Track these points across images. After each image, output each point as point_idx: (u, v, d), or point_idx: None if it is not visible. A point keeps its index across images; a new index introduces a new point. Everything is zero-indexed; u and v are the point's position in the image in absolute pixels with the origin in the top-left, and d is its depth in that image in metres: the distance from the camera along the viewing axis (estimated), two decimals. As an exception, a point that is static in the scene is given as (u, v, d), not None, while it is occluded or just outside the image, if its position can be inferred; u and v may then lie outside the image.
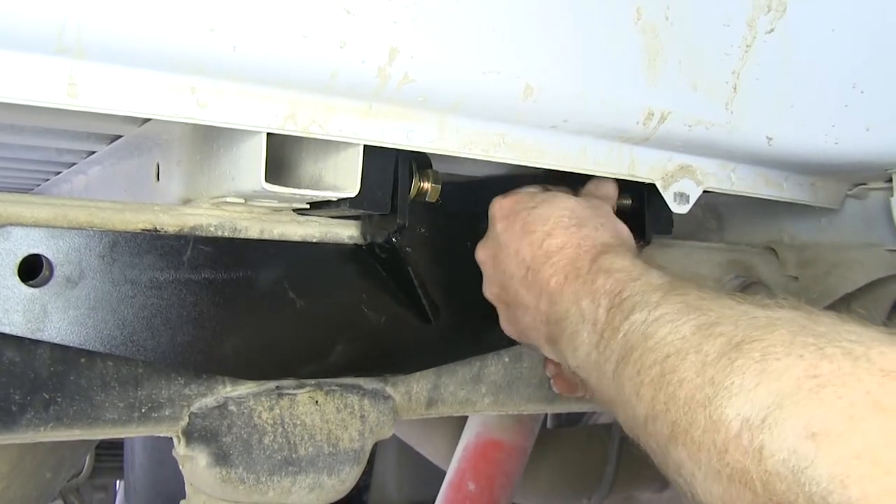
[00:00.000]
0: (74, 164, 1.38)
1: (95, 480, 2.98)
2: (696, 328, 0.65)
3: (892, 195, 1.04)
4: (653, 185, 0.92)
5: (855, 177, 1.09)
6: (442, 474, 1.97)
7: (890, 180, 1.04)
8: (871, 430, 0.52)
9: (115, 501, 3.12)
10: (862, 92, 0.90)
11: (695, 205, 0.94)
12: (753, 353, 0.59)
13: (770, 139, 0.90)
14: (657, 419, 0.65)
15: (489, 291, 0.92)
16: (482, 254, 0.92)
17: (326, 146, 0.78)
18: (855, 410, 0.53)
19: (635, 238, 0.90)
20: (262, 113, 0.68)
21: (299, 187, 0.78)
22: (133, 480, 2.71)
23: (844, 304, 1.22)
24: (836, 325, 0.60)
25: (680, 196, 0.94)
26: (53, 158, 1.35)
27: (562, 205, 0.87)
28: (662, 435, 0.64)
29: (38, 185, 1.69)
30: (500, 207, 0.90)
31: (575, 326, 0.78)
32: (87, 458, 2.64)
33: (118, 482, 3.09)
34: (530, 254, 0.84)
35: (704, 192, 0.96)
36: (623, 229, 0.89)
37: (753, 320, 0.63)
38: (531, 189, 0.92)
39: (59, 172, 1.50)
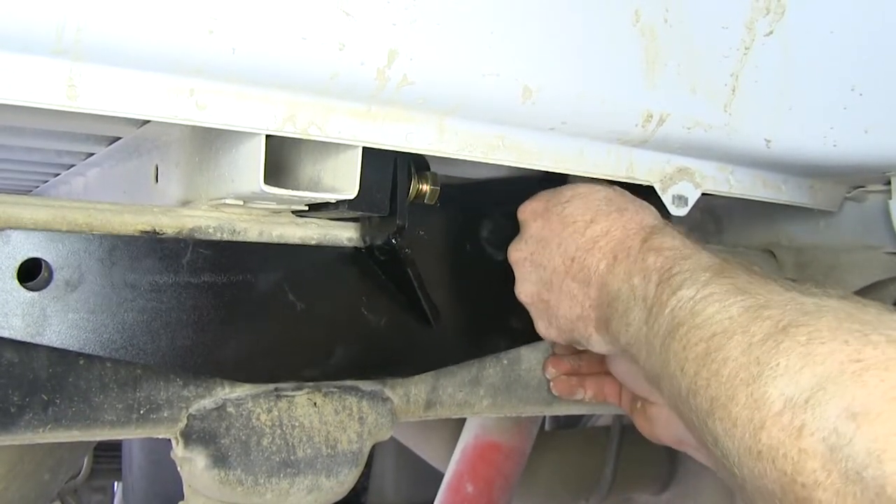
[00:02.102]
0: (73, 165, 1.38)
1: (93, 482, 2.97)
2: (745, 309, 0.66)
3: (890, 198, 1.04)
4: (651, 188, 0.92)
5: (853, 179, 1.09)
6: (440, 476, 1.97)
7: (888, 183, 1.04)
8: None
9: (113, 503, 3.11)
10: (861, 94, 0.90)
11: (693, 207, 0.94)
12: (799, 336, 0.61)
13: (769, 141, 0.90)
14: (698, 394, 0.66)
15: (524, 293, 0.92)
16: (517, 255, 0.92)
17: (325, 148, 0.78)
18: None
19: None
20: (260, 115, 0.68)
21: (298, 189, 0.78)
22: (131, 482, 2.71)
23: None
24: (882, 314, 0.62)
25: (678, 199, 0.94)
26: (52, 160, 1.35)
27: (596, 195, 0.88)
28: (702, 409, 0.66)
29: (37, 187, 1.69)
30: (531, 209, 0.91)
31: (626, 304, 0.79)
32: (86, 459, 2.64)
33: (116, 484, 3.08)
34: (574, 244, 0.85)
35: (703, 194, 0.96)
36: (655, 210, 0.90)
37: (801, 306, 0.64)
38: (553, 188, 0.92)
39: (57, 174, 1.50)
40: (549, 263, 0.87)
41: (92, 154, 1.25)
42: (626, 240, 0.83)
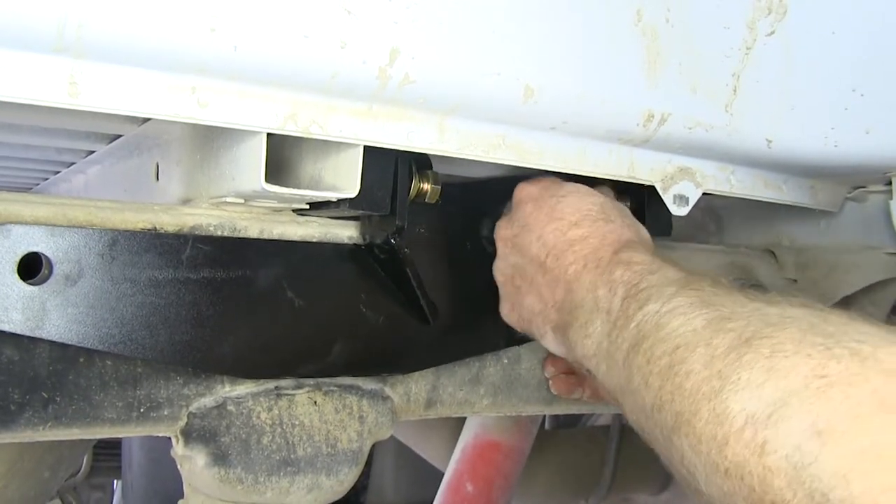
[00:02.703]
0: (73, 163, 1.37)
1: (93, 480, 2.98)
2: (708, 322, 0.66)
3: (891, 198, 1.05)
4: (652, 187, 0.92)
5: (854, 179, 1.09)
6: (440, 475, 1.97)
7: (889, 183, 1.05)
8: (876, 428, 0.52)
9: (112, 501, 3.11)
10: (862, 95, 0.90)
11: (694, 207, 0.94)
12: (762, 349, 0.60)
13: (770, 142, 0.90)
14: (662, 409, 0.66)
15: (500, 271, 0.92)
16: (503, 232, 0.92)
17: (326, 146, 0.78)
18: (861, 409, 0.53)
19: None
20: (262, 113, 0.68)
21: (299, 188, 0.78)
22: (131, 480, 2.71)
23: (843, 307, 1.22)
24: (846, 324, 0.60)
25: (679, 198, 0.94)
26: (53, 157, 1.35)
27: (591, 199, 0.88)
28: (666, 425, 0.65)
29: (37, 185, 1.69)
30: (527, 192, 0.91)
31: (589, 315, 0.79)
32: (85, 457, 2.64)
33: (116, 482, 3.08)
34: (553, 240, 0.85)
35: (704, 194, 0.96)
36: (645, 232, 0.90)
37: (765, 317, 0.63)
38: (555, 178, 0.92)
39: (58, 172, 1.50)
40: (528, 251, 0.87)
41: (92, 152, 1.25)
42: (599, 249, 0.82)
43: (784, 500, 0.54)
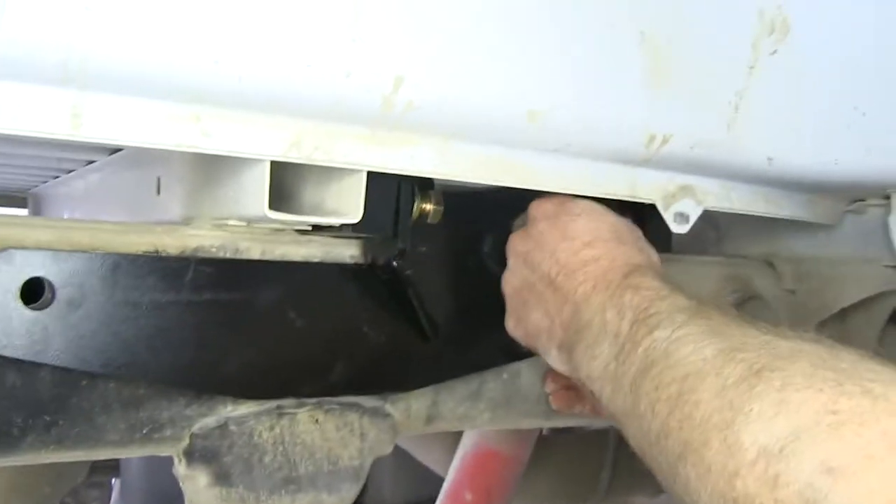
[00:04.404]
0: (73, 170, 1.37)
1: (91, 478, 2.97)
2: (719, 351, 0.66)
3: (889, 213, 1.05)
4: (652, 204, 0.92)
5: (853, 194, 1.09)
6: (438, 476, 1.98)
7: (888, 197, 1.05)
8: (887, 469, 0.53)
9: (110, 499, 3.12)
10: (864, 114, 0.90)
11: (694, 220, 0.95)
12: (774, 381, 0.60)
13: (771, 159, 0.90)
14: (670, 436, 0.66)
15: (509, 284, 0.92)
16: (517, 247, 0.92)
17: (329, 172, 0.78)
18: (872, 449, 0.54)
19: None
20: (266, 141, 0.68)
21: (301, 212, 0.78)
22: (129, 479, 2.72)
23: (840, 319, 1.22)
24: (857, 362, 0.61)
25: (680, 216, 0.94)
26: (52, 165, 1.35)
27: (605, 219, 0.88)
28: (673, 453, 0.65)
29: (36, 187, 1.69)
30: (542, 210, 0.91)
31: (596, 337, 0.79)
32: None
33: (114, 480, 3.09)
34: (565, 259, 0.85)
35: (704, 210, 0.96)
36: (655, 255, 0.90)
37: (776, 349, 0.64)
38: (569, 196, 0.91)
39: (57, 177, 1.50)
40: (539, 268, 0.88)
41: (92, 161, 1.25)
42: (609, 272, 0.82)
43: None
